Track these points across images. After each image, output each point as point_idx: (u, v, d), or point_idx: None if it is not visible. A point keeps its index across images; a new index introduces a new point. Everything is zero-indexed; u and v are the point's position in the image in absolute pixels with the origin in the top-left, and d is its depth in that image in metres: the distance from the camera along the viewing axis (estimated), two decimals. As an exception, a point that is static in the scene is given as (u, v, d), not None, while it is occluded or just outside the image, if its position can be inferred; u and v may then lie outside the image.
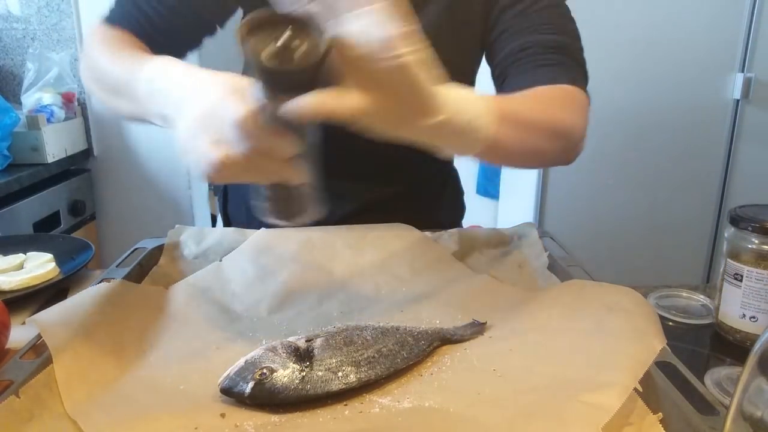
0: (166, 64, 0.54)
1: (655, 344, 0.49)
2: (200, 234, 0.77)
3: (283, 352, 0.50)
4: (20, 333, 0.59)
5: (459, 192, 1.01)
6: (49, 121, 1.69)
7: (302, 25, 0.41)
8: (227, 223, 0.99)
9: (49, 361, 0.49)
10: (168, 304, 0.64)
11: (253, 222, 0.80)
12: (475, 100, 0.51)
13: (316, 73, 0.42)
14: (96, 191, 1.93)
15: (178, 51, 0.74)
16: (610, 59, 1.67)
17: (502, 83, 0.75)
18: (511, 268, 0.74)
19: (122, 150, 1.90)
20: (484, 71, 0.83)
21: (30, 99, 1.72)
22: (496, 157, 0.62)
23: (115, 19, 0.71)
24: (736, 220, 0.66)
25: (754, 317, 0.65)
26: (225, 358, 0.53)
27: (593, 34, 1.63)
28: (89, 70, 0.67)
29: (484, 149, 0.53)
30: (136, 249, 0.76)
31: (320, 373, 0.49)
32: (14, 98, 1.82)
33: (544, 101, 0.66)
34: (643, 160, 1.76)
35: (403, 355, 0.53)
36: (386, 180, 0.86)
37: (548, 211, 1.80)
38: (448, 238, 0.78)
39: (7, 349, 0.59)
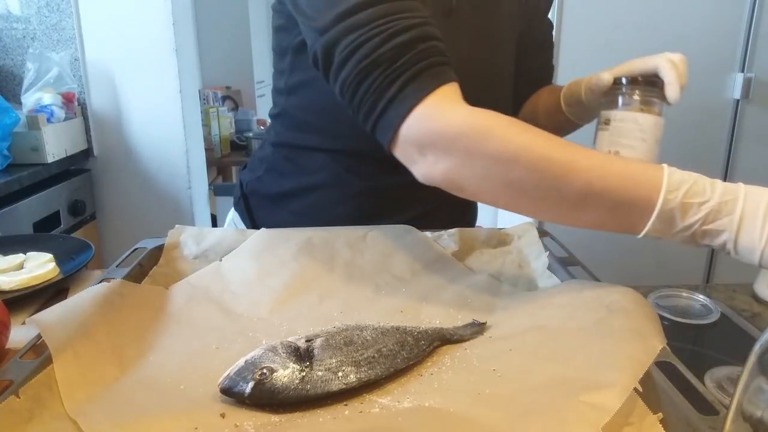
0: (693, 177, 0.53)
1: (655, 344, 0.49)
2: (200, 234, 0.77)
3: (283, 352, 0.50)
4: (20, 333, 0.59)
5: None
6: (49, 121, 1.69)
7: None
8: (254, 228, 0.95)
9: (49, 361, 0.49)
10: (168, 304, 0.64)
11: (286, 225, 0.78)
12: None
13: None
14: (96, 191, 1.94)
15: None
16: (610, 59, 1.66)
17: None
18: (511, 268, 0.74)
19: (122, 150, 1.90)
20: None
21: (30, 99, 1.72)
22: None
23: (448, 79, 0.59)
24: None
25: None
26: (225, 358, 0.53)
27: (593, 34, 1.64)
28: (512, 171, 0.54)
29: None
30: (136, 249, 0.76)
31: (320, 373, 0.49)
32: (14, 98, 1.82)
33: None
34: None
35: (403, 355, 0.53)
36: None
37: (548, 211, 1.79)
38: (448, 238, 0.78)
39: (7, 349, 0.59)
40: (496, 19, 0.79)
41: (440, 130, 0.57)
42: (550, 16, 0.93)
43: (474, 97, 0.78)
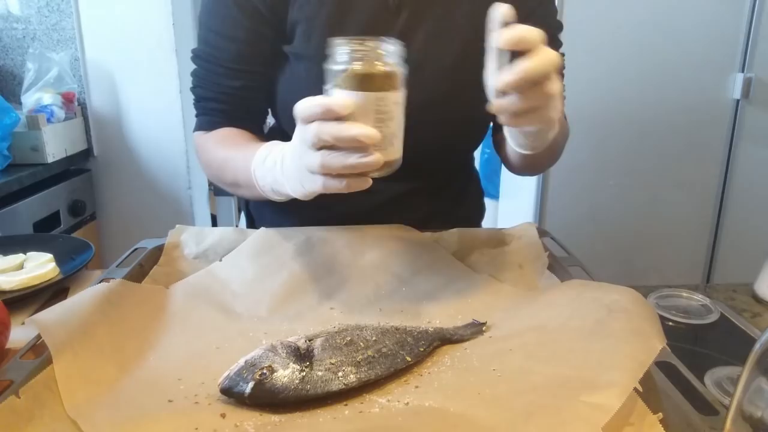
0: (264, 149, 0.67)
1: (655, 344, 0.49)
2: (200, 234, 0.77)
3: (283, 352, 0.50)
4: (20, 333, 0.59)
5: (480, 194, 1.03)
6: (49, 121, 1.69)
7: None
8: (250, 222, 0.99)
9: (49, 361, 0.49)
10: (168, 304, 0.64)
11: (276, 222, 0.83)
12: None
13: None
14: (96, 191, 1.93)
15: (260, 114, 0.87)
16: (610, 59, 1.67)
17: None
18: (511, 268, 0.74)
19: (122, 150, 1.90)
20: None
21: (30, 99, 1.72)
22: (536, 157, 0.70)
23: (204, 126, 0.84)
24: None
25: None
26: (225, 358, 0.53)
27: (594, 34, 1.64)
28: (212, 177, 0.84)
29: (542, 149, 0.65)
30: (136, 249, 0.76)
31: (320, 373, 0.49)
32: (14, 98, 1.81)
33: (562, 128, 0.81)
34: (643, 160, 1.76)
35: (403, 355, 0.53)
36: (409, 176, 0.87)
37: (548, 211, 1.80)
38: (448, 238, 0.78)
39: (7, 349, 0.59)
40: (452, 19, 0.80)
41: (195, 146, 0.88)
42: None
43: (434, 88, 0.81)
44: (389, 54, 0.54)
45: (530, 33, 0.51)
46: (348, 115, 0.52)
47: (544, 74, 0.51)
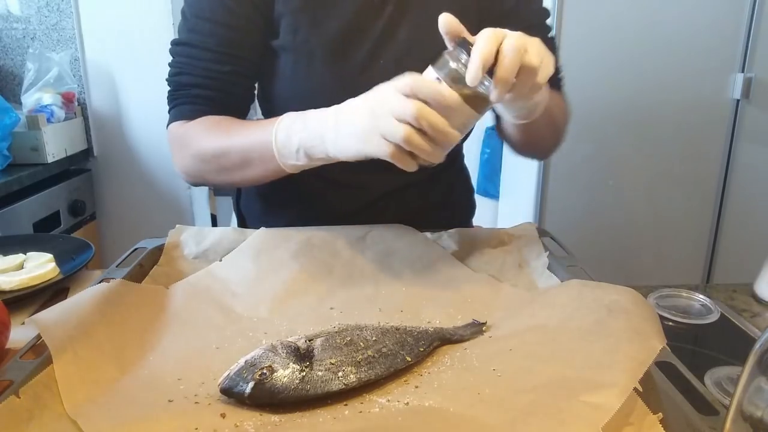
0: (291, 114, 0.66)
1: (655, 344, 0.49)
2: (200, 234, 0.77)
3: (283, 352, 0.50)
4: (20, 333, 0.59)
5: (469, 190, 1.03)
6: (49, 121, 1.69)
7: None
8: (241, 220, 0.99)
9: (49, 361, 0.49)
10: (168, 304, 0.64)
11: (267, 220, 0.83)
12: None
13: None
14: (96, 191, 1.93)
15: (245, 104, 0.84)
16: (610, 59, 1.66)
17: None
18: (511, 268, 0.74)
19: (122, 150, 1.90)
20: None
21: (30, 99, 1.72)
22: (534, 128, 0.72)
23: (186, 115, 0.81)
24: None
25: None
26: (225, 358, 0.53)
27: (593, 34, 1.64)
28: (201, 167, 0.77)
29: (535, 117, 0.66)
30: (136, 249, 0.76)
31: (320, 373, 0.49)
32: (14, 98, 1.82)
33: (559, 103, 0.83)
34: (643, 160, 1.76)
35: (403, 355, 0.53)
36: (398, 170, 0.87)
37: (548, 211, 1.80)
38: (448, 238, 0.78)
39: (7, 349, 0.59)
40: (436, 11, 0.80)
41: (169, 140, 0.84)
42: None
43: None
44: None
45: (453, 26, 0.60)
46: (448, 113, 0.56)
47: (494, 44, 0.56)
